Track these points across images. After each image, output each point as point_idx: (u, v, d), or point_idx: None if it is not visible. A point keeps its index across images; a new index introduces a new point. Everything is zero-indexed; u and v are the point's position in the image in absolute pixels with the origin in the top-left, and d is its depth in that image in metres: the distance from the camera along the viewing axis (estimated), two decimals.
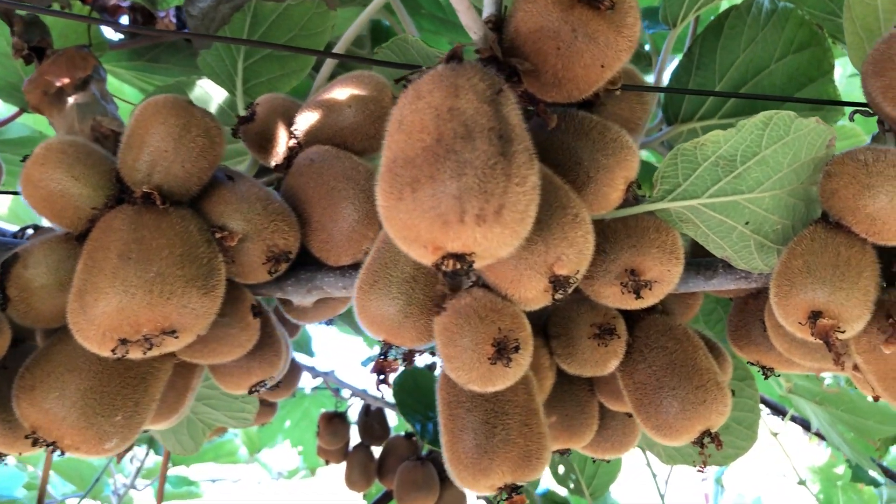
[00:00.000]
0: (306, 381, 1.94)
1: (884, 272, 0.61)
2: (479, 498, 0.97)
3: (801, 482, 1.95)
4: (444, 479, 1.66)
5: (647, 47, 1.28)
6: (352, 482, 1.72)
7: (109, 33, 1.29)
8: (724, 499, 2.31)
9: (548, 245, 0.50)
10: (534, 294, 0.52)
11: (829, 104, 0.90)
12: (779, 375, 1.54)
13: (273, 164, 0.75)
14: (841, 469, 2.40)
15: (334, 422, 1.72)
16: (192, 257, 0.60)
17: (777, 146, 0.58)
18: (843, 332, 0.56)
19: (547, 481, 1.88)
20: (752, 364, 0.74)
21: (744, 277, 0.66)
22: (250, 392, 0.73)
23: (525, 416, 0.56)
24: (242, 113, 0.78)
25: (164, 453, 1.71)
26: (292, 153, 0.73)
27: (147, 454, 2.09)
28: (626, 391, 0.67)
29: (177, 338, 0.59)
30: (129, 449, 1.32)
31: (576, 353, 0.65)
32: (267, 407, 1.61)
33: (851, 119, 0.67)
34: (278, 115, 0.75)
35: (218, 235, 0.63)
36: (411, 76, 0.49)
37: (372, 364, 0.58)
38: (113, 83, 1.47)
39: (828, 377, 1.92)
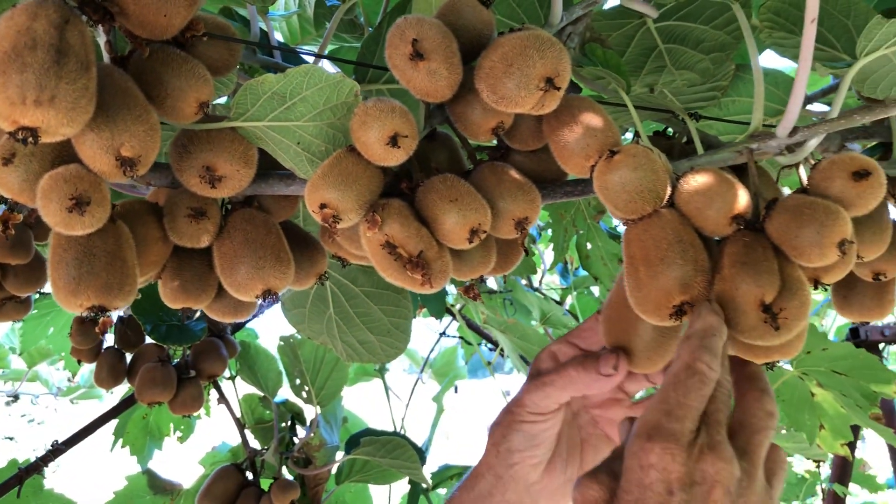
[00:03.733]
0: None
1: (392, 187, 0.88)
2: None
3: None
4: (182, 380, 1.87)
5: (361, 19, 1.53)
6: (100, 380, 1.90)
7: None
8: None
9: (113, 133, 0.73)
10: (108, 168, 0.75)
11: None
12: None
13: None
14: None
15: (86, 324, 1.89)
16: None
17: (314, 90, 0.83)
18: (341, 220, 0.83)
19: (286, 392, 2.13)
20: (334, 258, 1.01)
21: None
22: None
23: (109, 260, 0.79)
24: None
25: None
26: None
27: None
28: (216, 260, 0.91)
29: None
30: None
31: (176, 227, 0.89)
32: (20, 304, 1.76)
33: None
34: None
35: None
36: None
37: None
38: None
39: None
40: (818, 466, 3.39)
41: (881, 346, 3.25)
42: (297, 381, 2.05)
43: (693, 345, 0.74)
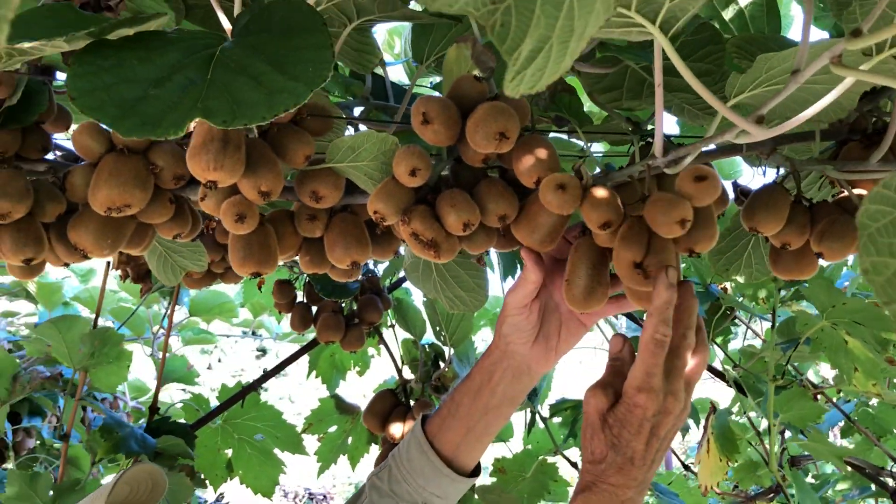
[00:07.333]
0: None
1: (423, 197, 1.42)
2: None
3: None
4: (349, 325, 2.54)
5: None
6: (294, 325, 2.62)
7: None
8: None
9: (257, 178, 1.34)
10: (255, 198, 1.36)
11: None
12: None
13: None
14: None
15: (283, 285, 2.62)
16: (140, 176, 1.45)
17: (370, 143, 1.39)
18: (386, 220, 1.39)
19: (430, 336, 2.74)
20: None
21: None
22: (174, 238, 1.59)
23: (260, 248, 1.41)
24: None
25: (174, 296, 2.65)
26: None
27: (169, 308, 3.06)
28: (327, 243, 1.51)
29: (129, 207, 1.45)
30: (150, 288, 2.23)
31: (300, 225, 1.49)
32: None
33: None
34: None
35: (153, 168, 1.48)
36: None
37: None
38: None
39: None
40: None
41: None
42: (437, 328, 2.65)
43: (655, 321, 1.14)
